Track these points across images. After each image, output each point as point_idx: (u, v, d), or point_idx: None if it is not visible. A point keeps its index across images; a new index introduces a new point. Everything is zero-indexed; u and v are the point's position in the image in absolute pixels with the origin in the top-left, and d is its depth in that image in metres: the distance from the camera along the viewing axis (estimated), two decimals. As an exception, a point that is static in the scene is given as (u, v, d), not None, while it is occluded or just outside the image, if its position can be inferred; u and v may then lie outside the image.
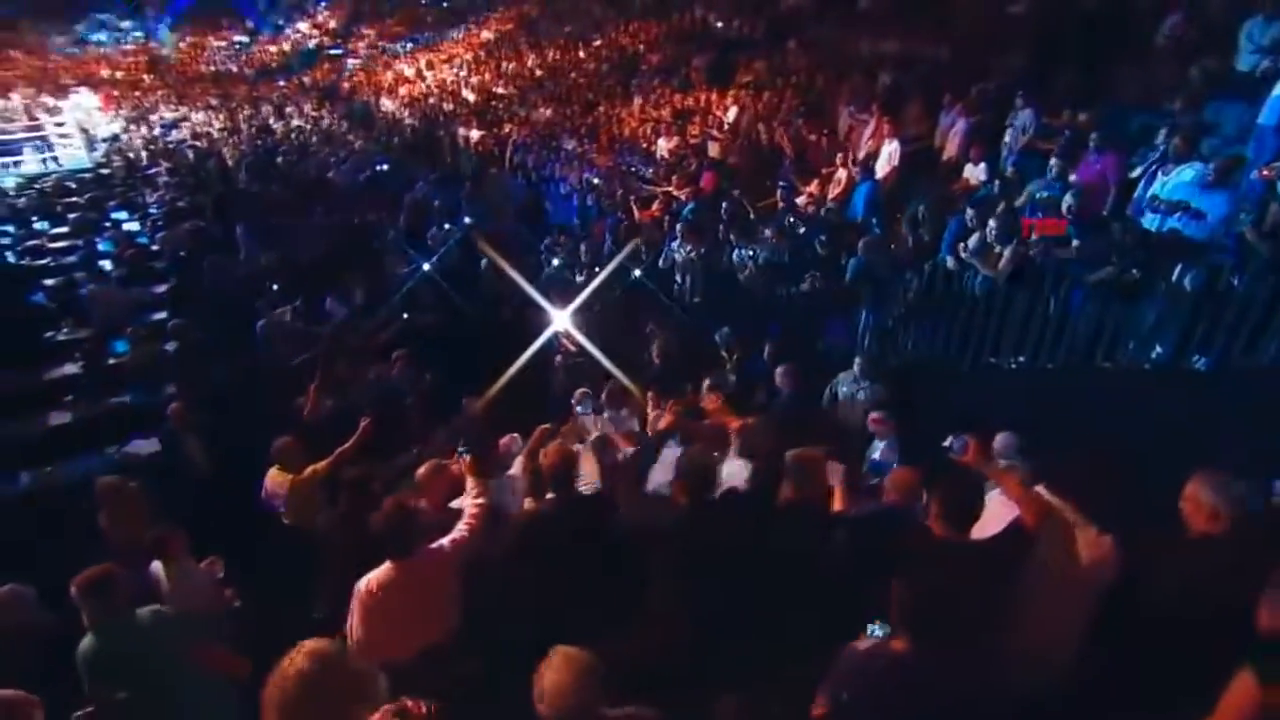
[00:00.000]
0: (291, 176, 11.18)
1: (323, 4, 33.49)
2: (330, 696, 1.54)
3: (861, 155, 8.71)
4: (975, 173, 7.58)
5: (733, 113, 11.04)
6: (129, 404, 6.39)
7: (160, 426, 5.44)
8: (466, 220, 8.63)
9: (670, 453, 3.31)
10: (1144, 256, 4.43)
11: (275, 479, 4.01)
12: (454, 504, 2.88)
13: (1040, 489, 2.15)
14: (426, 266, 7.21)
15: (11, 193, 13.30)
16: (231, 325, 6.96)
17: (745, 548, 2.16)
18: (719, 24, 14.40)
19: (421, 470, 3.08)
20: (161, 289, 8.61)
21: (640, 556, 2.35)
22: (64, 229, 10.99)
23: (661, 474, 3.20)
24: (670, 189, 9.10)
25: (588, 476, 3.15)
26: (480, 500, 2.60)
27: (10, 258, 9.75)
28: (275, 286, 6.96)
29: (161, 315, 7.71)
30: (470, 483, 2.72)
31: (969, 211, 5.50)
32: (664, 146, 10.95)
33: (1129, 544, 2.06)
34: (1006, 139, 7.46)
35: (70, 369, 7.02)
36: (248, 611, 3.64)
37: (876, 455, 3.73)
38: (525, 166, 12.40)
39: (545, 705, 1.50)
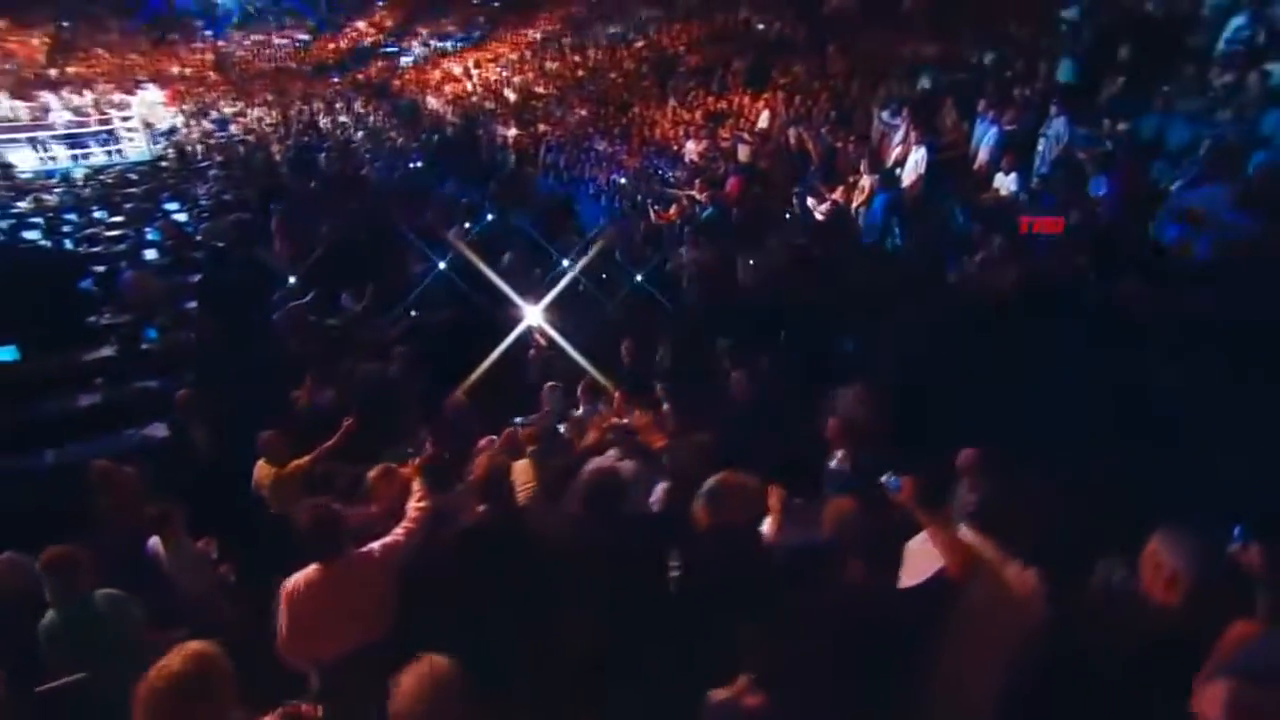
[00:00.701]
0: (329, 172, 11.53)
1: (380, 2, 34.38)
2: (199, 698, 1.56)
3: (891, 161, 8.51)
4: (1005, 182, 7.30)
5: (765, 117, 10.90)
6: (155, 389, 6.69)
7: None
8: (489, 218, 8.73)
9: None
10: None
11: (261, 471, 4.13)
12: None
13: (965, 532, 2.02)
14: (443, 265, 7.31)
15: (79, 183, 14.09)
16: (253, 316, 7.23)
17: (638, 573, 2.11)
18: (760, 26, 14.24)
19: (372, 473, 3.12)
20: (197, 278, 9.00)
21: (550, 572, 2.31)
22: (119, 218, 11.58)
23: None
24: (693, 193, 9.02)
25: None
26: (422, 504, 2.61)
27: (68, 244, 10.33)
28: (293, 279, 7.16)
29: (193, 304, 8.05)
30: (415, 486, 2.73)
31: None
32: (693, 149, 10.87)
33: (1074, 602, 1.93)
34: (1040, 148, 7.16)
35: (106, 352, 7.40)
36: (241, 590, 3.79)
37: (833, 464, 3.55)
38: (557, 166, 12.49)
39: (395, 709, 1.49)
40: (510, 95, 18.14)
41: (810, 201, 8.50)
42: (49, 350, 7.50)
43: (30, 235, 10.68)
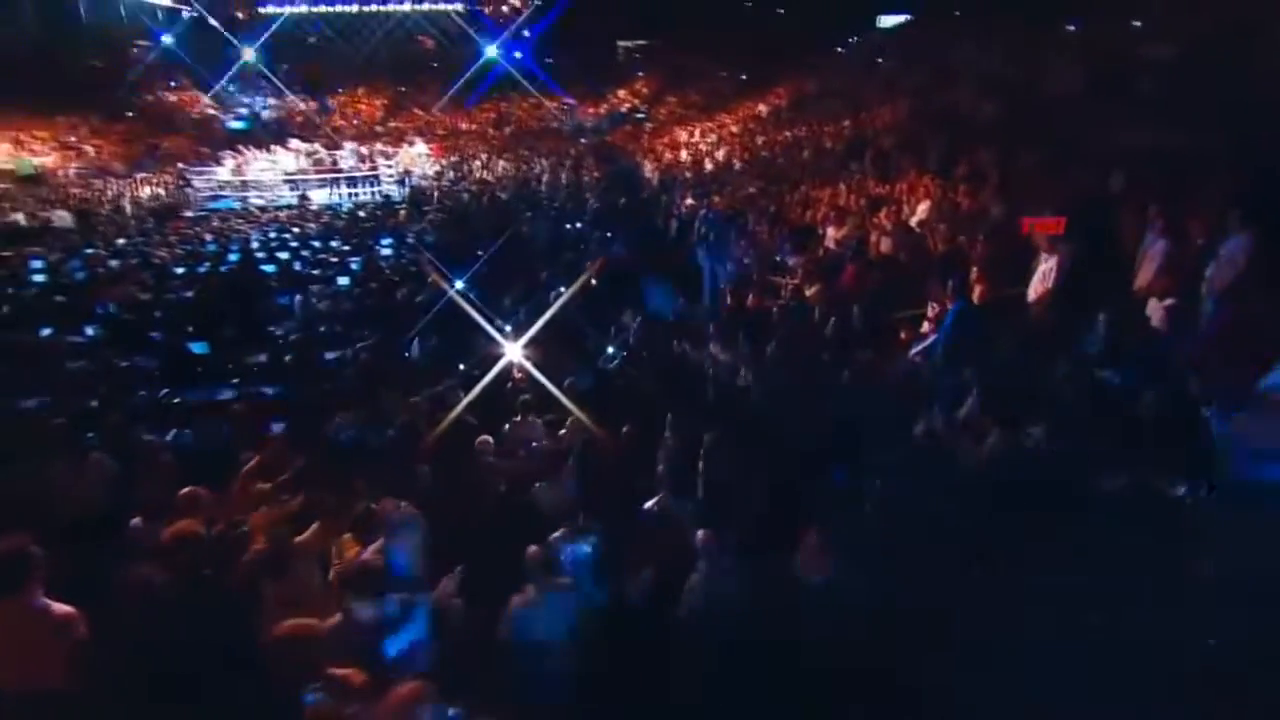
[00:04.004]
0: (482, 226, 12.88)
1: (640, 72, 37.73)
2: None
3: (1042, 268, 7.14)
4: (1155, 311, 5.71)
5: (923, 207, 9.84)
6: (269, 395, 7.98)
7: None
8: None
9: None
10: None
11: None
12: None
13: None
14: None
15: (344, 215, 17.49)
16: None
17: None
18: (963, 108, 12.98)
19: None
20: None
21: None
22: (346, 248, 14.10)
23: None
24: (797, 282, 8.42)
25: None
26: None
27: (297, 266, 12.82)
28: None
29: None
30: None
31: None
32: (832, 235, 10.16)
33: None
34: (1208, 273, 5.48)
35: (261, 358, 9.01)
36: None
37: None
38: (707, 240, 12.48)
39: None
40: (709, 166, 18.65)
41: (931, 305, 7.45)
42: (233, 349, 9.34)
43: (282, 255, 13.45)
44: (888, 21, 26.47)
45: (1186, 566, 2.48)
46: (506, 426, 5.99)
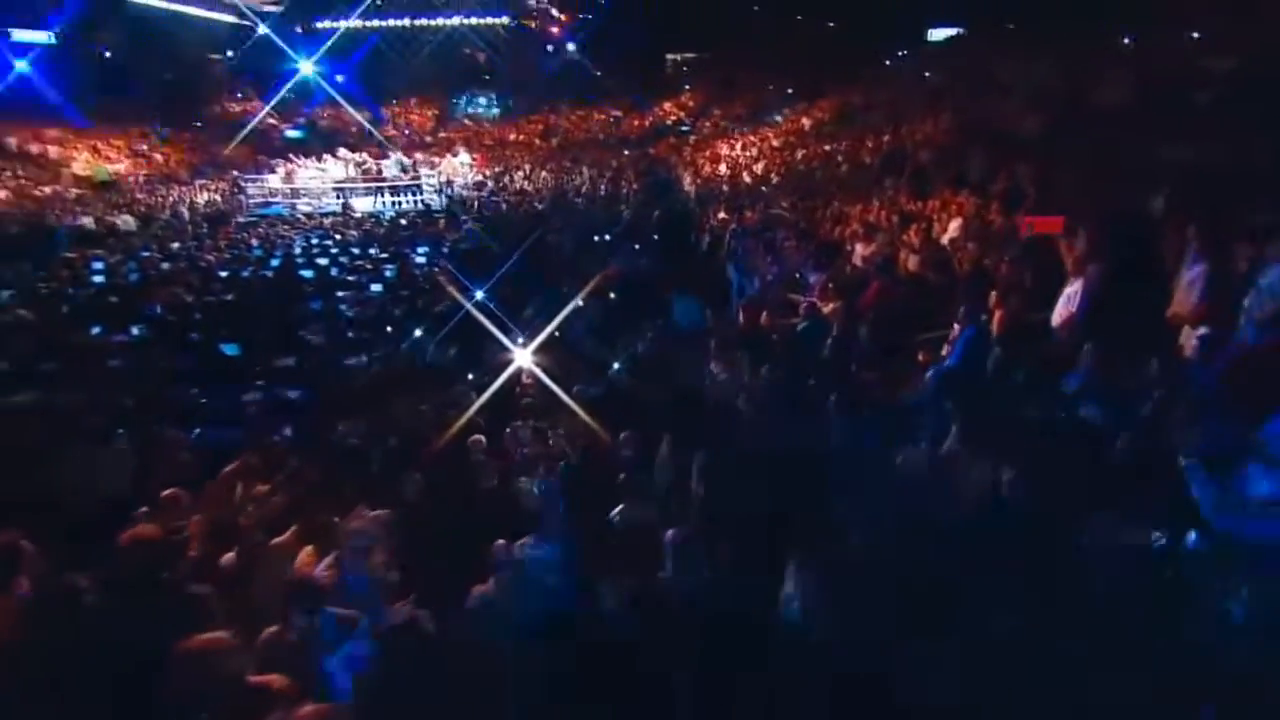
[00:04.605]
0: (514, 235, 13.02)
1: (688, 85, 37.80)
2: None
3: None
4: (1190, 339, 5.34)
5: (955, 225, 9.51)
6: (289, 398, 8.18)
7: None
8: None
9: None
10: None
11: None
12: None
13: None
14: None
15: (385, 223, 17.96)
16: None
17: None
18: (1007, 122, 12.54)
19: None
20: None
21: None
22: (384, 255, 14.45)
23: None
24: (814, 300, 8.21)
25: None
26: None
27: (334, 271, 13.19)
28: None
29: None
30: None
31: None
32: (860, 252, 9.91)
33: None
34: (1247, 302, 5.09)
35: (289, 361, 9.27)
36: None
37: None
38: (735, 254, 12.35)
39: None
40: (747, 180, 18.50)
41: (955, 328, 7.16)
42: (262, 351, 9.64)
43: (321, 261, 13.86)
44: (938, 34, 25.91)
45: (1155, 622, 2.27)
46: (507, 430, 6.01)
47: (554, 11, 35.31)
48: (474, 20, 34.05)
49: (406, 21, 32.87)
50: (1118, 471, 2.87)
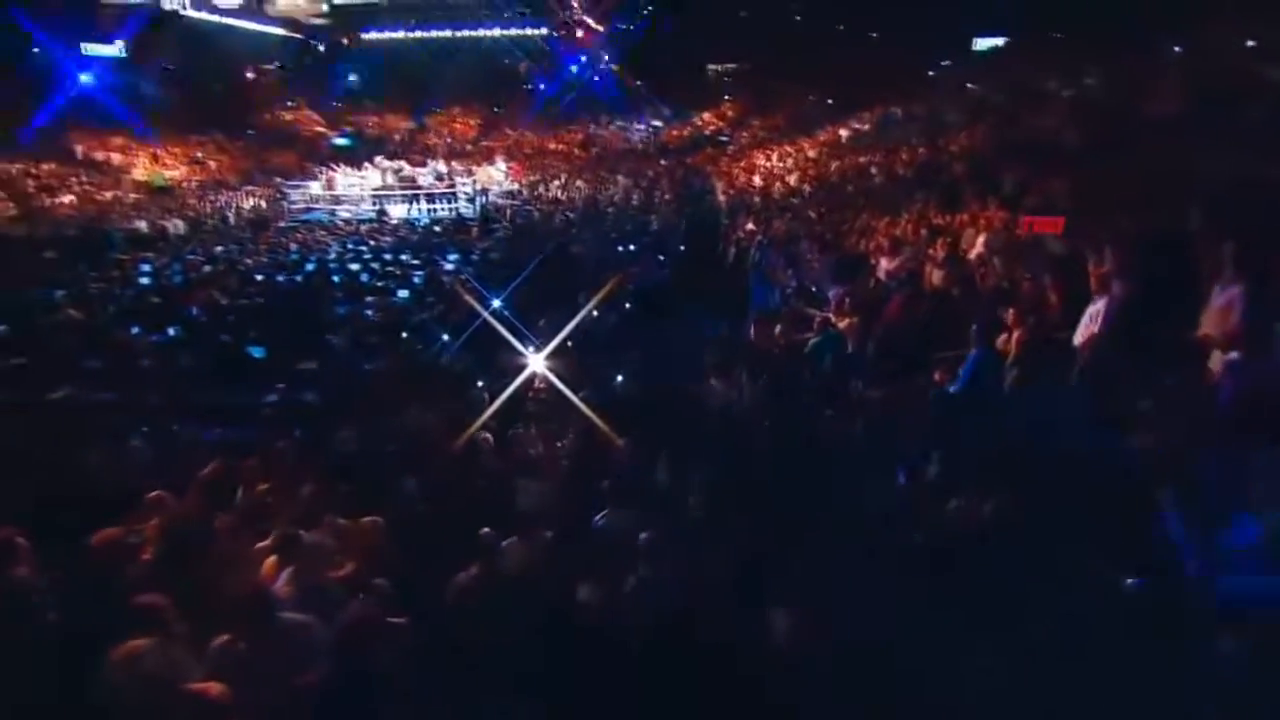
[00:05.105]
0: (541, 244, 13.10)
1: (727, 96, 37.71)
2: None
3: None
4: (1220, 363, 5.03)
5: (982, 239, 9.22)
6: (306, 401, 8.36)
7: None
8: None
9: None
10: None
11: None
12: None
13: None
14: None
15: (419, 230, 18.32)
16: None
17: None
18: (1045, 134, 12.16)
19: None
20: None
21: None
22: (415, 261, 14.70)
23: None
24: (829, 315, 8.04)
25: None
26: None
27: (364, 277, 13.47)
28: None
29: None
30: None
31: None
32: (884, 266, 9.68)
33: None
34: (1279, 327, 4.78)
35: (311, 365, 9.47)
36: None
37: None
38: (758, 265, 12.22)
39: None
40: (777, 190, 18.31)
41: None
42: (287, 354, 9.88)
43: (353, 266, 14.18)
44: (983, 44, 25.31)
45: (1123, 665, 2.10)
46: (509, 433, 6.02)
47: (592, 22, 35.64)
48: (514, 31, 34.62)
49: (449, 33, 33.59)
50: (1099, 508, 2.69)
